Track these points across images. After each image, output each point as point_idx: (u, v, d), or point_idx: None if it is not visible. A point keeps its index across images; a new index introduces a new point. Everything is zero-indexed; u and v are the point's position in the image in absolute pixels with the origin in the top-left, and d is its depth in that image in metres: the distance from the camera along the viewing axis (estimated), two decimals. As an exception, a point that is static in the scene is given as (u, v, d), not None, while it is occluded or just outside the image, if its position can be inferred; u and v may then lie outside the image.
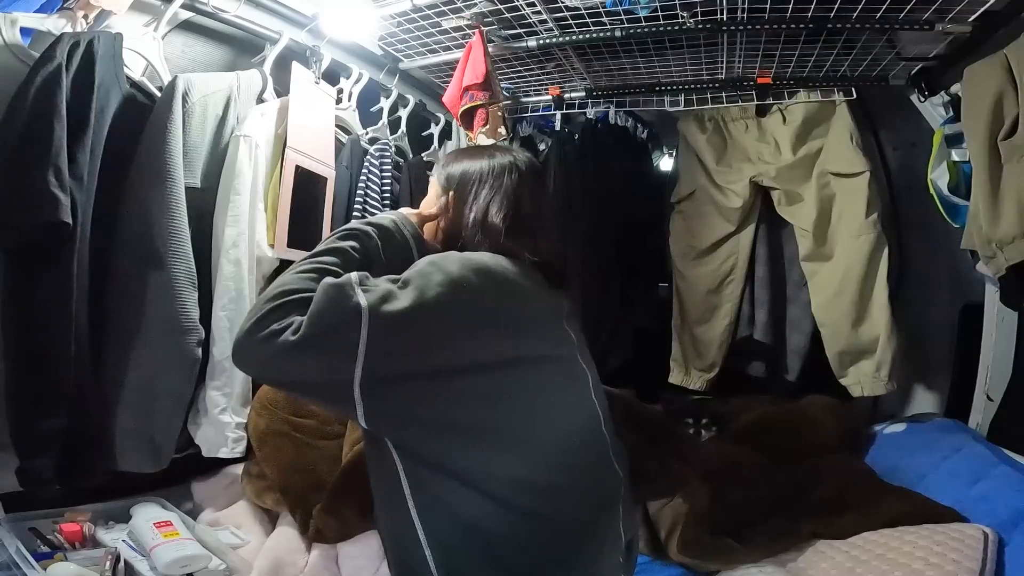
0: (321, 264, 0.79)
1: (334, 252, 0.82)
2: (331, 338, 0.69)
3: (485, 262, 0.82)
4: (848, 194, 1.77)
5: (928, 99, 1.63)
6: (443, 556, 0.74)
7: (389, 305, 0.71)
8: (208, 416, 1.25)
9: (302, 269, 0.78)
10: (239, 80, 1.32)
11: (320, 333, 0.68)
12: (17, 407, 1.00)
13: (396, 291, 0.73)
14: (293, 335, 0.67)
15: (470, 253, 0.84)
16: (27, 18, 1.02)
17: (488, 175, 0.93)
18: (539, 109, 2.05)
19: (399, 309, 0.71)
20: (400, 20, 1.49)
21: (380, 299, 0.71)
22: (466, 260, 0.80)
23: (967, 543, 1.07)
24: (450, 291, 0.75)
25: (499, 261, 0.84)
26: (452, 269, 0.77)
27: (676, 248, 2.04)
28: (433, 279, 0.75)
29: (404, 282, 0.75)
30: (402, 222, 0.92)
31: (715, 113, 1.94)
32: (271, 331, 0.68)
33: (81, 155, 1.02)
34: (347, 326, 0.69)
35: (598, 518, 0.84)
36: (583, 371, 0.91)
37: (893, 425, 1.70)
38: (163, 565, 0.99)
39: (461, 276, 0.77)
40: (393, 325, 0.70)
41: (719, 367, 1.97)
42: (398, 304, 0.71)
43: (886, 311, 1.72)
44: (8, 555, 0.93)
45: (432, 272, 0.76)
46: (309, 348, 0.68)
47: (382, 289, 0.73)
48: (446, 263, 0.78)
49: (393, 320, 0.70)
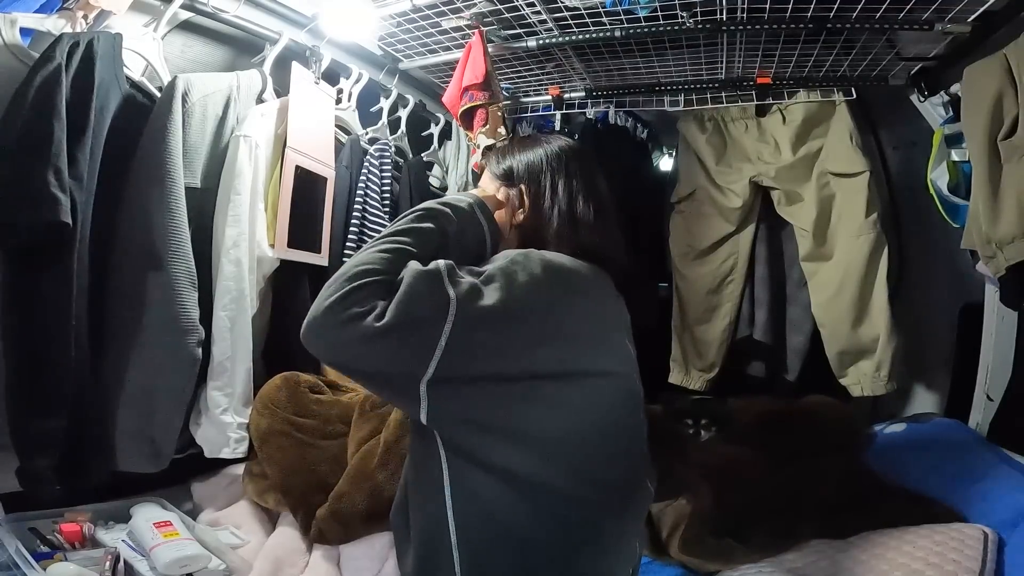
0: (401, 244, 0.75)
1: (413, 233, 0.78)
2: (415, 330, 0.66)
3: (566, 266, 0.80)
4: (848, 194, 1.77)
5: (928, 99, 1.63)
6: (470, 555, 0.72)
7: (476, 301, 0.69)
8: (209, 416, 1.25)
9: (382, 248, 0.74)
10: (239, 80, 1.32)
11: (406, 323, 0.65)
12: (17, 407, 1.00)
13: (481, 286, 0.71)
14: (376, 321, 0.65)
15: (552, 254, 0.81)
16: (27, 18, 1.02)
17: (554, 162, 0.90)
18: (539, 109, 2.05)
19: (485, 306, 0.69)
20: (400, 20, 1.49)
21: (468, 293, 0.69)
22: (548, 262, 0.78)
23: (967, 543, 1.07)
24: (533, 295, 0.73)
25: (579, 265, 0.82)
26: (536, 271, 0.75)
27: (676, 248, 2.04)
28: (518, 279, 0.73)
29: (488, 278, 0.72)
30: (479, 206, 0.87)
31: (715, 113, 1.94)
32: (354, 314, 0.65)
33: (81, 155, 1.02)
34: (434, 319, 0.66)
35: (624, 533, 0.83)
36: (638, 389, 0.88)
37: (893, 425, 1.70)
38: (163, 565, 0.99)
39: (545, 279, 0.75)
40: (478, 323, 0.68)
41: (719, 367, 1.97)
42: (484, 301, 0.69)
43: (886, 311, 1.72)
44: (8, 555, 0.93)
45: (516, 272, 0.73)
46: (391, 337, 0.65)
47: (468, 282, 0.70)
48: (529, 263, 0.76)
49: (478, 318, 0.68)
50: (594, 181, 0.92)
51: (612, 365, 0.83)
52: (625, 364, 0.87)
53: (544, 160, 0.91)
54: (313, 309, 0.68)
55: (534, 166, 0.91)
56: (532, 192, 0.90)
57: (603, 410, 0.79)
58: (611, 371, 0.83)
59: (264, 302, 1.40)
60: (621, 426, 0.83)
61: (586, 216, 0.87)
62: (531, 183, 0.90)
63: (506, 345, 0.71)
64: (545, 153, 0.92)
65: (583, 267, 0.83)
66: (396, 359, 0.67)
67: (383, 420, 1.23)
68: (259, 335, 1.37)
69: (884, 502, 1.27)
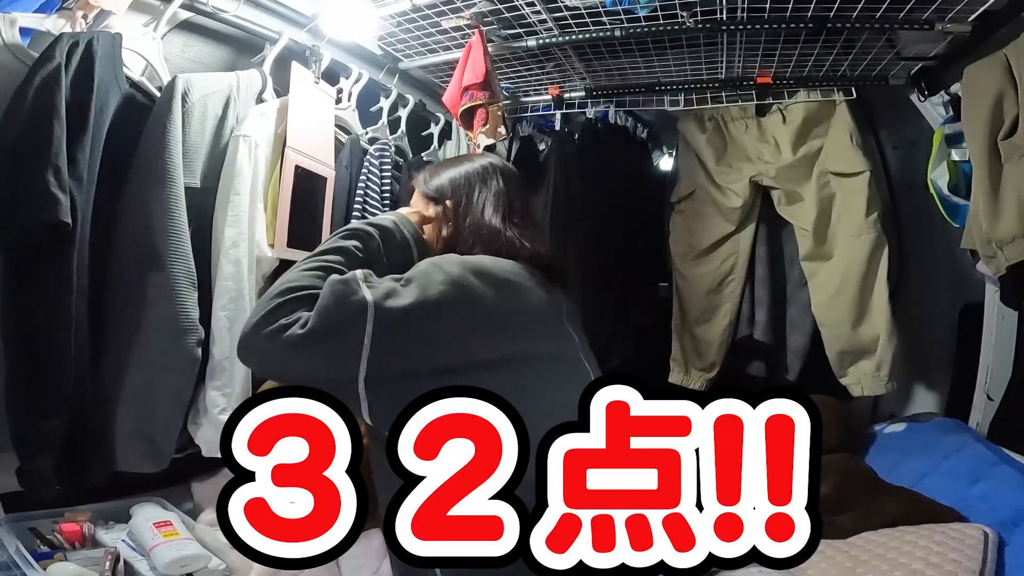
0: (325, 262, 0.80)
1: (337, 251, 0.83)
2: (338, 334, 0.70)
3: (484, 263, 0.84)
4: (848, 194, 1.77)
5: (928, 99, 1.63)
6: None
7: (393, 301, 0.72)
8: (208, 416, 1.24)
9: (307, 267, 0.79)
10: (239, 80, 1.32)
11: (327, 328, 0.69)
12: (17, 407, 1.00)
13: (399, 288, 0.74)
14: (300, 329, 0.68)
15: (469, 256, 0.86)
16: (26, 18, 1.02)
17: (476, 178, 0.96)
18: (539, 109, 2.05)
19: (403, 305, 0.72)
20: (400, 20, 1.49)
21: (384, 295, 0.72)
22: (466, 262, 0.82)
23: (967, 543, 1.07)
24: (451, 290, 0.76)
25: (498, 262, 0.86)
26: (453, 270, 0.79)
27: (676, 248, 2.03)
28: (435, 278, 0.76)
29: (406, 281, 0.76)
30: (402, 223, 0.93)
31: (715, 113, 1.94)
32: (278, 326, 0.69)
33: (81, 155, 1.01)
34: (353, 321, 0.70)
35: None
36: (586, 370, 0.91)
37: (893, 425, 1.70)
38: (163, 565, 0.99)
39: (461, 276, 0.78)
40: (397, 321, 0.71)
41: (719, 367, 1.97)
42: (401, 300, 0.73)
43: (886, 311, 1.72)
44: (8, 555, 0.93)
45: (433, 272, 0.77)
46: (316, 343, 0.69)
47: (386, 286, 0.74)
48: (446, 264, 0.80)
49: (397, 316, 0.71)
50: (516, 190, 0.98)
51: (550, 348, 0.87)
52: (564, 346, 0.90)
53: (466, 175, 0.97)
54: (244, 327, 0.72)
55: (457, 181, 0.97)
56: (455, 205, 0.95)
57: (548, 393, 0.81)
58: (550, 353, 0.86)
59: (264, 302, 1.40)
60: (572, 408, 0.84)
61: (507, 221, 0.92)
62: (455, 197, 0.96)
63: (431, 339, 0.74)
64: (468, 169, 0.98)
65: (504, 263, 0.86)
66: (327, 364, 0.70)
67: (382, 420, 1.23)
68: (259, 335, 1.36)
69: (884, 502, 1.27)
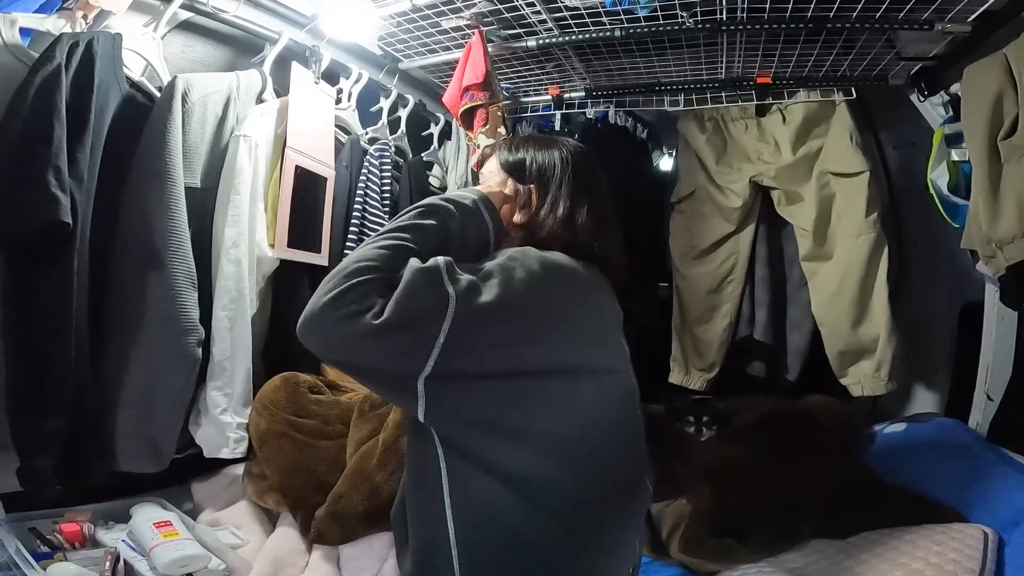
0: (401, 240, 0.75)
1: (414, 229, 0.77)
2: (414, 327, 0.66)
3: (563, 265, 0.80)
4: (848, 194, 1.77)
5: (928, 99, 1.63)
6: (469, 556, 0.72)
7: (474, 298, 0.68)
8: (209, 416, 1.25)
9: (382, 244, 0.74)
10: (239, 80, 1.32)
11: (404, 321, 0.65)
12: (17, 407, 1.00)
13: (480, 284, 0.71)
14: (375, 319, 0.64)
15: (550, 253, 0.81)
16: (27, 18, 1.02)
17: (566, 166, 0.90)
18: (539, 109, 2.05)
19: (483, 303, 0.69)
20: (400, 20, 1.49)
21: (466, 291, 0.69)
22: (546, 260, 0.78)
23: (967, 543, 1.07)
24: (531, 292, 0.73)
25: (575, 265, 0.82)
26: (534, 268, 0.75)
27: (676, 248, 2.04)
28: (516, 275, 0.73)
29: (486, 275, 0.72)
30: (483, 203, 0.86)
31: (715, 113, 1.94)
32: (350, 311, 0.65)
33: (81, 155, 1.02)
34: (432, 316, 0.66)
35: (624, 533, 0.83)
36: (634, 387, 0.88)
37: (893, 425, 1.70)
38: (163, 565, 0.99)
39: (542, 277, 0.75)
40: (476, 320, 0.68)
41: (719, 367, 1.97)
42: (482, 299, 0.69)
43: (886, 311, 1.72)
44: (8, 555, 0.93)
45: (514, 268, 0.74)
46: (390, 335, 0.65)
47: (467, 280, 0.70)
48: (527, 260, 0.76)
49: (477, 315, 0.68)
50: (600, 186, 0.94)
51: (611, 362, 0.83)
52: (621, 360, 0.87)
53: (558, 163, 0.91)
54: (310, 305, 0.67)
55: (547, 168, 0.91)
56: (541, 194, 0.90)
57: (603, 407, 0.79)
58: (610, 368, 0.83)
59: (264, 302, 1.40)
60: (620, 424, 0.82)
61: (588, 220, 0.88)
62: (542, 184, 0.90)
63: (504, 342, 0.71)
64: (560, 156, 0.92)
65: (580, 266, 0.83)
66: (394, 356, 0.67)
67: (382, 421, 1.23)
68: (259, 335, 1.37)
69: (884, 502, 1.27)
